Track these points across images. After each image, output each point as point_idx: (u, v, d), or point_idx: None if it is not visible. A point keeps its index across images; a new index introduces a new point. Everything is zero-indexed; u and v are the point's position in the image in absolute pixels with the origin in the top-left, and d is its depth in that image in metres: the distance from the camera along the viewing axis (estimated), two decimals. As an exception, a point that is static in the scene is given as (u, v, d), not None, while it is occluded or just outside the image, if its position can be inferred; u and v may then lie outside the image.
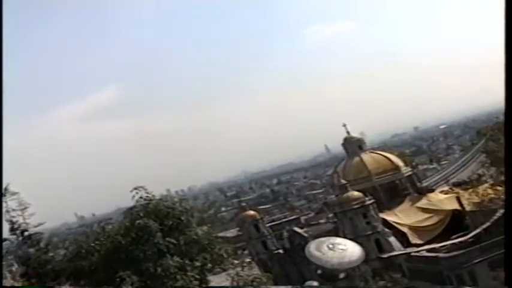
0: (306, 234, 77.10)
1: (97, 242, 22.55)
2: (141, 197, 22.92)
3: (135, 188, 22.89)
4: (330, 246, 54.14)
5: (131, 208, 23.12)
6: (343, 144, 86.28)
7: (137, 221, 21.81)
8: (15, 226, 22.26)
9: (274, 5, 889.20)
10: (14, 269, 58.01)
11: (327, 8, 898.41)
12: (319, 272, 51.74)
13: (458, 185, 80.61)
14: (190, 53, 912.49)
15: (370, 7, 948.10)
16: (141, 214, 22.32)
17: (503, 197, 52.55)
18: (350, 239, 67.05)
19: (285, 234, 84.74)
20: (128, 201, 23.33)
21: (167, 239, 21.93)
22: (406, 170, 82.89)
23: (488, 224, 62.23)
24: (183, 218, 23.06)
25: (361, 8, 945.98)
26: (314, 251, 58.11)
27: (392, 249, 67.98)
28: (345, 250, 53.26)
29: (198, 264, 22.31)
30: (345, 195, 71.94)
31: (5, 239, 22.46)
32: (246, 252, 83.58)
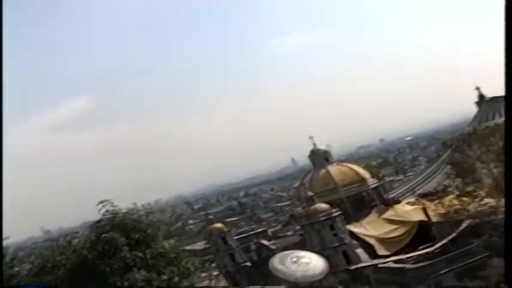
0: (273, 247, 76.86)
1: (63, 256, 22.26)
2: (107, 211, 22.70)
3: (101, 202, 22.69)
4: (294, 259, 54.26)
5: (97, 222, 22.90)
6: (310, 157, 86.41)
7: (103, 235, 21.60)
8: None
9: (242, 15, 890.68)
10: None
11: (299, 17, 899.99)
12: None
13: (424, 196, 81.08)
14: (158, 64, 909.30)
15: (340, 17, 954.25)
16: (108, 228, 22.11)
17: (468, 207, 53.14)
18: (317, 251, 67.32)
19: (253, 246, 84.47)
20: (94, 214, 23.11)
21: (134, 252, 21.74)
22: (372, 182, 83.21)
23: (454, 234, 62.70)
24: (149, 231, 22.90)
25: (330, 18, 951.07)
26: (278, 264, 58.17)
27: (360, 261, 68.06)
28: (309, 263, 53.40)
29: (165, 277, 22.14)
30: (312, 207, 71.91)
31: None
32: (213, 265, 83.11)
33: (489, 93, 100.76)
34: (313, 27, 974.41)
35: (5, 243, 22.59)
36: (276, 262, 57.73)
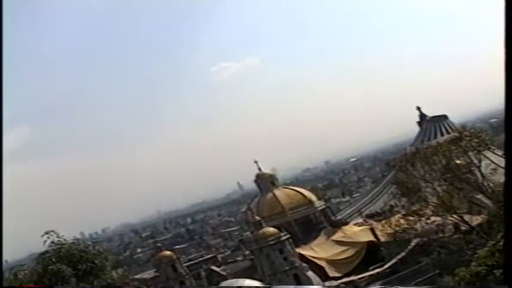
0: (224, 273, 76.45)
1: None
2: (52, 242, 22.20)
3: (46, 233, 22.18)
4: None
5: (43, 253, 22.37)
6: (256, 181, 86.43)
7: (50, 267, 21.10)
8: None
9: (179, 43, 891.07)
10: None
11: (231, 46, 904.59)
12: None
13: (371, 216, 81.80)
14: (98, 92, 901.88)
15: (272, 44, 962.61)
16: (54, 259, 21.62)
17: (415, 226, 53.55)
18: (268, 275, 67.14)
19: (203, 273, 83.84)
20: (39, 246, 22.56)
21: (81, 284, 21.29)
22: (319, 204, 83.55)
23: (403, 254, 63.24)
24: (97, 262, 22.47)
25: (265, 45, 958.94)
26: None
27: (311, 283, 68.03)
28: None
29: (115, 308, 21.69)
30: (260, 231, 71.80)
31: None
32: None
33: (429, 112, 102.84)
34: (249, 53, 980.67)
35: None
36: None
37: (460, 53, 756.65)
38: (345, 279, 66.90)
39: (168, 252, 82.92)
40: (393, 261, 64.00)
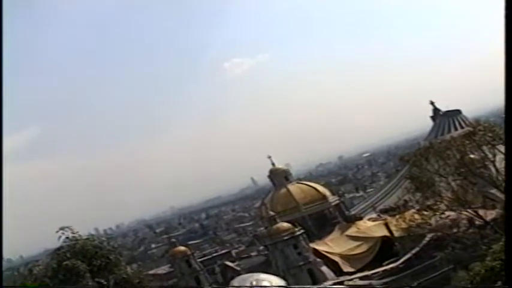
0: (238, 268, 76.54)
1: (24, 285, 21.83)
2: (67, 238, 22.29)
3: (61, 228, 22.26)
4: (254, 282, 53.88)
5: (58, 249, 22.46)
6: (269, 176, 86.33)
7: (64, 262, 21.18)
8: None
9: (191, 38, 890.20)
10: None
11: (244, 41, 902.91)
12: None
13: (385, 211, 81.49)
14: (109, 90, 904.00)
15: (285, 40, 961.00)
16: (68, 255, 21.70)
17: (430, 221, 53.39)
18: (283, 271, 67.15)
19: (217, 268, 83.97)
20: (54, 242, 22.65)
21: (96, 279, 21.36)
22: (333, 199, 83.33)
23: (417, 249, 63.01)
24: (111, 257, 22.53)
25: (277, 41, 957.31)
26: (237, 288, 57.77)
27: (326, 279, 68.03)
28: (269, 286, 53.06)
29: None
30: (275, 227, 71.80)
31: None
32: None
33: (443, 107, 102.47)
34: (262, 49, 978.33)
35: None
36: (235, 285, 57.45)
37: (471, 47, 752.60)
38: (359, 274, 66.79)
39: (182, 248, 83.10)
40: (407, 256, 63.77)
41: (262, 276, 56.86)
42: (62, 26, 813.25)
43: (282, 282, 58.38)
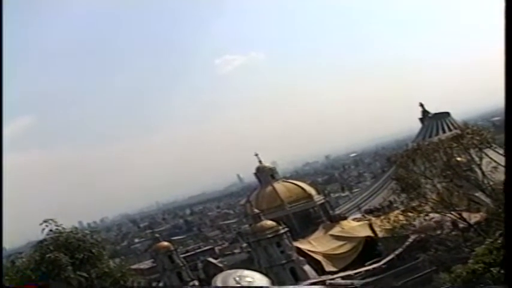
0: (220, 265, 76.52)
1: (6, 278, 21.67)
2: (51, 230, 22.18)
3: (45, 221, 22.15)
4: (237, 279, 53.86)
5: (41, 241, 22.35)
6: (256, 174, 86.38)
7: (47, 255, 21.07)
8: None
9: (182, 35, 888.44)
10: None
11: (237, 38, 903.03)
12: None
13: (370, 212, 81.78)
14: (100, 84, 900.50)
15: (277, 38, 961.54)
16: (51, 247, 21.59)
17: (414, 222, 53.50)
18: (265, 268, 67.13)
19: (200, 265, 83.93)
20: (38, 234, 22.56)
21: (78, 272, 21.26)
22: (318, 198, 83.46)
23: (400, 249, 63.19)
24: (94, 251, 22.44)
25: (269, 39, 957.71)
26: (221, 284, 57.70)
27: (308, 278, 68.10)
28: (252, 282, 53.05)
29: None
30: (259, 224, 71.82)
31: None
32: (160, 284, 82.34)
33: (432, 109, 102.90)
34: (254, 47, 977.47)
35: None
36: (218, 282, 57.34)
37: (462, 51, 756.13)
38: (341, 274, 66.90)
39: (165, 243, 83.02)
40: (390, 256, 63.98)
41: (246, 272, 56.82)
42: (58, 20, 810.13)
43: (265, 279, 58.40)
